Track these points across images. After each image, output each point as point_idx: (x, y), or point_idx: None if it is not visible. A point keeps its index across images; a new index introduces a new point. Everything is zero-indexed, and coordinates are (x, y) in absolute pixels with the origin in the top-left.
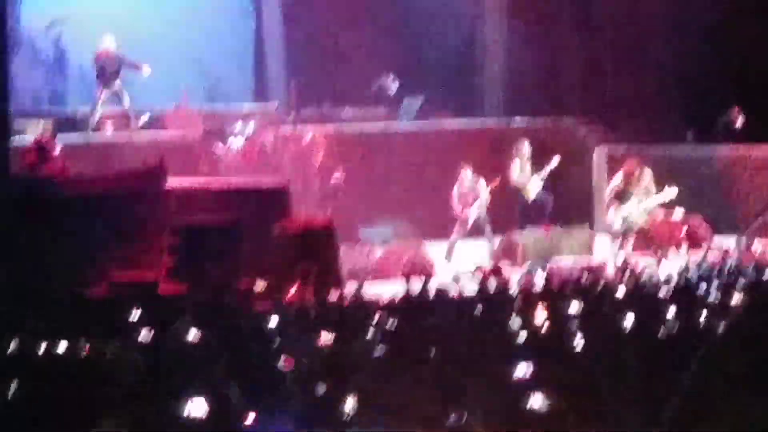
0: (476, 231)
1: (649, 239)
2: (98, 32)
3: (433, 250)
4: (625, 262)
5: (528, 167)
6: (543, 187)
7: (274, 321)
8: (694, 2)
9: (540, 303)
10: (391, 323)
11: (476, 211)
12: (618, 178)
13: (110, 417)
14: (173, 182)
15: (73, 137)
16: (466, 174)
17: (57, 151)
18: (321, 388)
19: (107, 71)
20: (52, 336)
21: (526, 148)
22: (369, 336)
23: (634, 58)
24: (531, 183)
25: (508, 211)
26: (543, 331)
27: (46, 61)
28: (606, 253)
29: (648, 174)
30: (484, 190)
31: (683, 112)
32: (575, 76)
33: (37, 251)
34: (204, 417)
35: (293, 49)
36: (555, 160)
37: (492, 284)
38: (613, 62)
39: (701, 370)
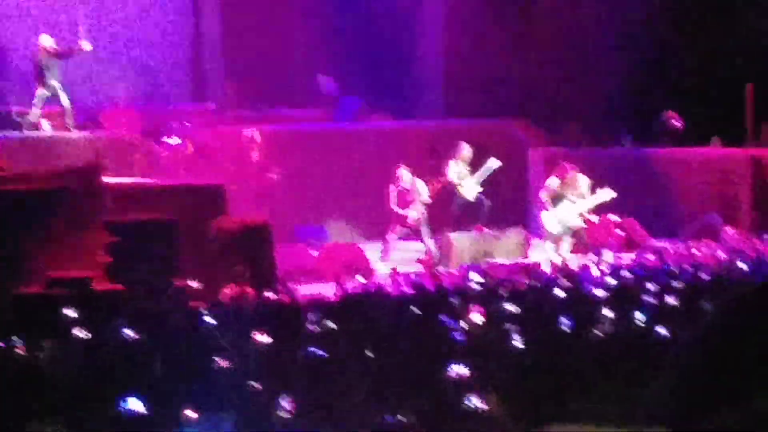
0: (413, 231)
1: (585, 241)
2: (35, 30)
3: (370, 249)
4: (561, 264)
5: (465, 169)
6: (480, 189)
7: (209, 319)
8: (631, 7)
9: (476, 303)
10: (327, 323)
11: (417, 212)
12: (553, 181)
13: (46, 417)
14: (110, 180)
15: (11, 135)
16: (404, 174)
17: None
18: (257, 387)
19: (45, 69)
20: None
21: (465, 149)
22: (305, 335)
23: (571, 60)
24: (468, 184)
25: (443, 213)
26: (479, 330)
27: None
28: (541, 255)
29: (583, 177)
30: (424, 191)
31: (619, 115)
32: (512, 79)
33: None
34: (141, 416)
35: (231, 49)
36: (494, 163)
37: (428, 283)
38: (550, 65)
39: (638, 369)
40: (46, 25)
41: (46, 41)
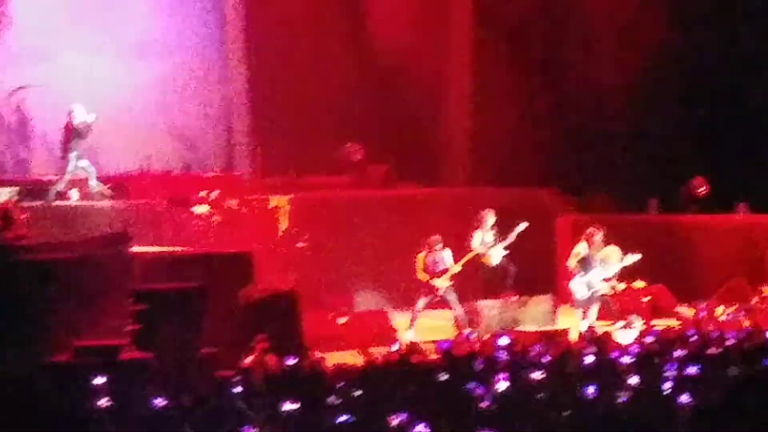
0: (441, 299)
1: (614, 308)
2: (63, 98)
3: (398, 317)
4: (589, 331)
5: (491, 236)
6: (505, 255)
7: (237, 388)
8: (657, 74)
9: (504, 370)
10: (354, 391)
11: (447, 282)
12: (581, 247)
13: None
14: (138, 249)
15: (39, 203)
16: (438, 243)
17: (22, 217)
18: None
19: (75, 138)
20: (14, 402)
21: (489, 217)
22: (331, 403)
23: (598, 128)
24: (494, 252)
25: (472, 280)
26: (507, 398)
27: (10, 127)
28: (570, 322)
29: (614, 249)
30: (453, 262)
31: (647, 182)
32: (540, 147)
33: (1, 317)
34: None
35: (259, 118)
36: (520, 228)
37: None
38: (578, 133)
39: None
40: (68, 96)
41: (79, 112)
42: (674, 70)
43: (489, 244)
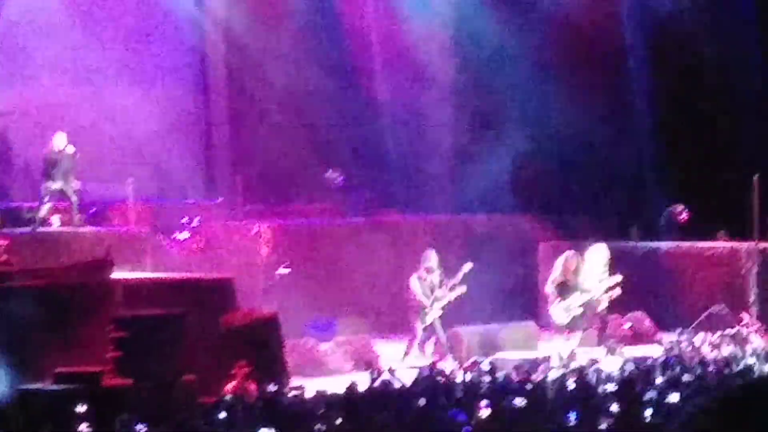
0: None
1: (594, 334)
2: (45, 126)
3: (379, 344)
4: (569, 357)
5: (437, 276)
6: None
7: (218, 414)
8: (637, 103)
9: (484, 396)
10: (336, 418)
11: (439, 311)
12: (558, 272)
13: None
14: (119, 275)
15: (20, 231)
16: (433, 269)
17: (2, 244)
18: None
19: (55, 166)
20: None
21: (432, 257)
22: (312, 430)
23: (578, 155)
24: (439, 294)
25: (453, 307)
26: (487, 423)
27: None
28: (550, 348)
29: (598, 252)
30: (445, 291)
31: (627, 209)
32: (521, 173)
33: None
34: None
35: (239, 145)
36: (464, 270)
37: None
38: (559, 160)
39: None
40: (48, 123)
41: (59, 140)
42: (653, 97)
43: (434, 285)
